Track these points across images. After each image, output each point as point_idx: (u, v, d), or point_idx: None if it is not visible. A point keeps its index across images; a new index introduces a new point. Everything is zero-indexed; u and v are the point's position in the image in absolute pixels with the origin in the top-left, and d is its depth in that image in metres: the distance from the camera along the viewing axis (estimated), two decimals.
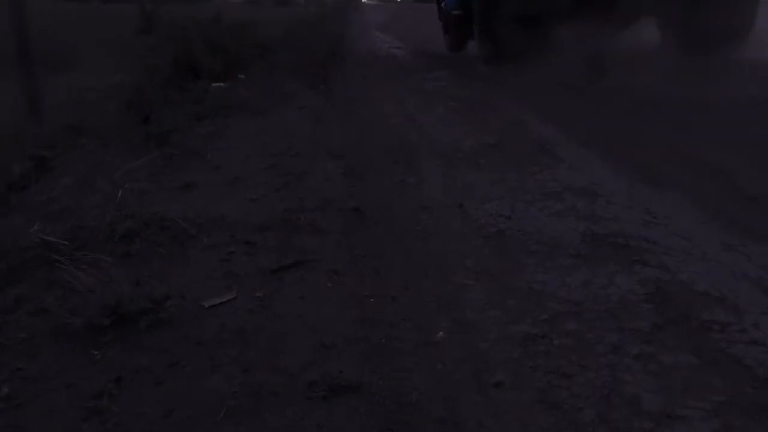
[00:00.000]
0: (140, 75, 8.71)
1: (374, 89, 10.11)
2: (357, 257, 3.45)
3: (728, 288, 2.97)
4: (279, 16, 33.12)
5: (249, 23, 19.86)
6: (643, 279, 3.10)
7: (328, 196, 4.37)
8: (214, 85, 8.97)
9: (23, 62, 6.56)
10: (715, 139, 5.70)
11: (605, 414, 2.16)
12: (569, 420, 2.15)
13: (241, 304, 2.91)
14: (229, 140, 6.11)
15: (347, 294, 3.03)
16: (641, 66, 9.31)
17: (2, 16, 6.92)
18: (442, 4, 13.93)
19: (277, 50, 14.56)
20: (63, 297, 2.92)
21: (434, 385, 2.36)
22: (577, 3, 7.93)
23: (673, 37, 8.99)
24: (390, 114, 7.83)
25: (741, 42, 8.46)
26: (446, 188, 4.68)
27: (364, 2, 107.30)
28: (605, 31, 8.27)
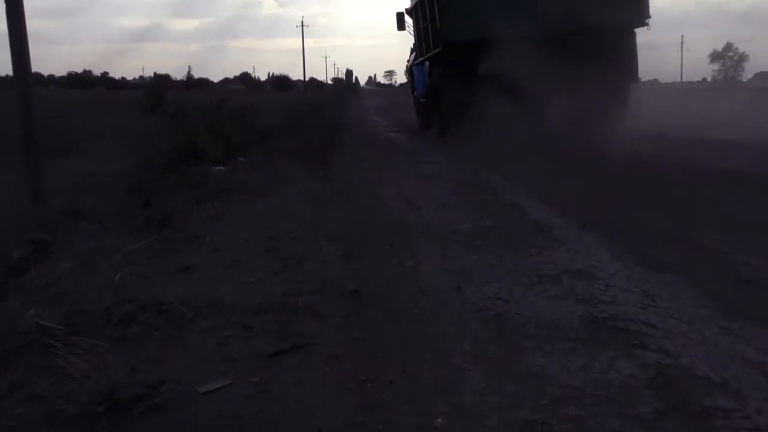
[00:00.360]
0: (143, 159, 8.88)
1: (372, 172, 10.28)
2: (355, 340, 3.43)
3: (729, 373, 2.95)
4: (279, 102, 33.98)
5: (250, 108, 20.36)
6: (644, 363, 3.07)
7: (327, 279, 4.38)
8: (215, 168, 9.12)
9: (28, 149, 6.71)
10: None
11: None
12: None
13: (238, 389, 2.87)
14: (228, 223, 6.16)
15: (346, 378, 2.99)
16: (570, 134, 11.21)
17: (9, 99, 7.13)
18: (414, 93, 19.20)
19: (278, 134, 14.87)
20: (57, 383, 2.88)
21: None
22: (494, 94, 11.47)
23: (567, 115, 11.38)
24: (387, 197, 7.93)
25: (618, 119, 12.26)
26: (444, 270, 4.70)
27: (363, 87, 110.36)
28: (518, 114, 11.30)
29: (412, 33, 17.64)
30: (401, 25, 18.56)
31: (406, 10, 18.08)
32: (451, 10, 13.07)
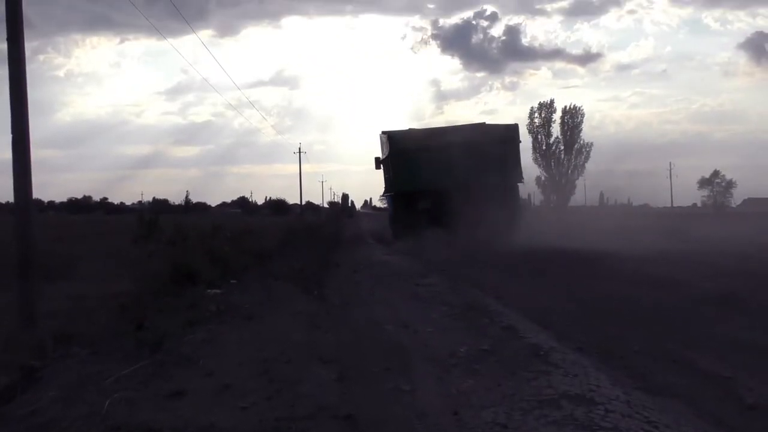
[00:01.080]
0: (137, 282, 8.87)
1: (368, 294, 10.26)
2: None
3: None
4: (276, 225, 34.39)
5: (246, 231, 20.59)
6: None
7: (321, 404, 4.28)
8: (210, 291, 9.10)
9: (23, 273, 6.73)
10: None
11: None
12: None
13: None
14: (222, 346, 6.08)
15: None
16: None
17: (8, 225, 7.21)
18: (390, 212, 27.25)
19: (274, 256, 14.95)
20: None
21: None
22: (428, 220, 20.66)
23: (473, 230, 19.22)
24: (384, 319, 7.87)
25: (511, 232, 19.42)
26: (441, 395, 4.60)
27: (359, 210, 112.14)
28: (443, 232, 19.68)
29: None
30: (377, 167, 26.82)
31: (379, 158, 26.63)
32: (400, 173, 23.31)
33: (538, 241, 19.01)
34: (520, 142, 24.72)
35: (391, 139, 24.27)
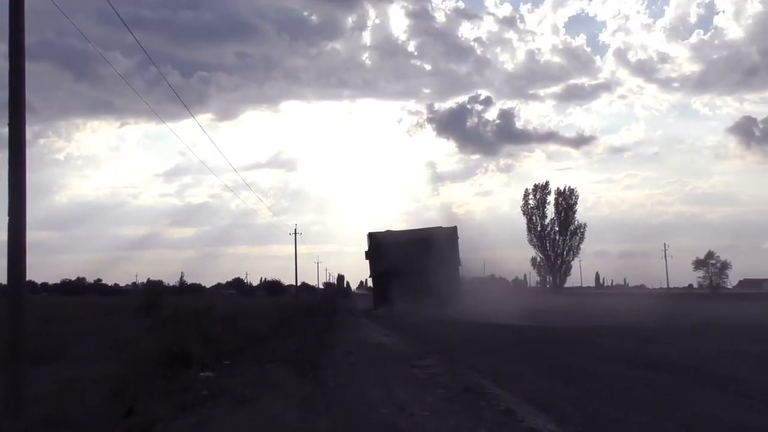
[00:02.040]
0: (129, 365, 8.73)
1: (364, 376, 10.08)
2: None
3: None
4: (271, 306, 34.10)
5: (241, 312, 20.41)
6: None
7: None
8: (203, 374, 8.94)
9: (12, 358, 6.62)
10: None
11: None
12: None
13: None
14: (214, 431, 5.93)
15: None
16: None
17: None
18: (372, 288, 44.56)
19: (268, 337, 14.76)
20: None
21: None
22: (396, 293, 33.36)
23: (426, 299, 30.55)
24: (379, 402, 7.72)
25: (452, 300, 32.70)
26: None
27: (354, 292, 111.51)
28: (410, 301, 31.26)
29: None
30: (366, 258, 37.97)
31: (367, 251, 38.19)
32: (376, 260, 36.39)
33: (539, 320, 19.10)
34: (458, 238, 37.32)
35: (372, 237, 38.36)
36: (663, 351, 12.15)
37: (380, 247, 36.14)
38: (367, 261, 37.97)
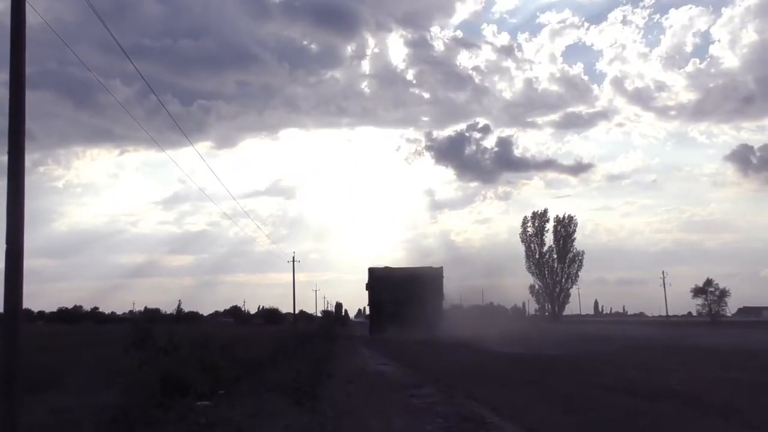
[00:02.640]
0: (125, 393, 8.64)
1: (362, 406, 9.99)
2: None
3: None
4: (268, 334, 33.88)
5: (239, 341, 20.28)
6: None
7: None
8: (200, 403, 8.86)
9: (7, 388, 6.56)
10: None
11: None
12: None
13: None
14: None
15: None
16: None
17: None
18: (369, 316, 52.16)
19: (266, 366, 14.65)
20: None
21: None
22: (388, 320, 41.71)
23: (413, 326, 37.86)
24: None
25: (435, 327, 39.37)
26: None
27: (352, 320, 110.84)
28: (398, 328, 39.09)
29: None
30: (366, 289, 45.59)
31: (367, 284, 45.68)
32: (374, 291, 44.35)
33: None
34: (443, 277, 44.46)
35: (371, 271, 46.23)
36: (661, 378, 12.06)
37: (378, 280, 44.13)
38: (367, 291, 45.77)
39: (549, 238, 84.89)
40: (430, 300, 41.46)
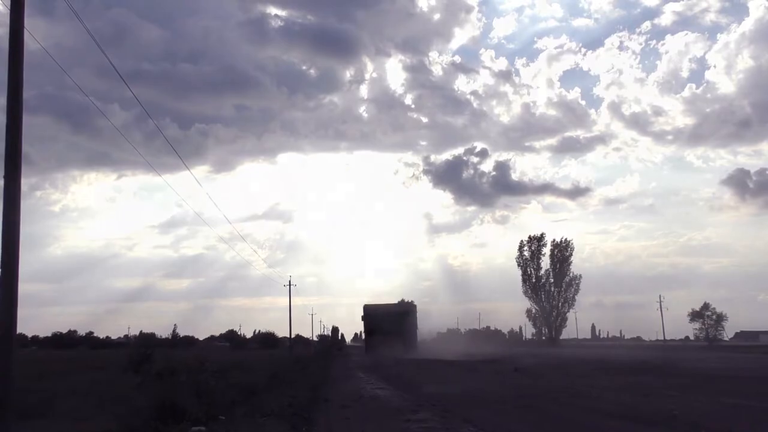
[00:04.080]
0: (119, 419, 8.56)
1: (359, 431, 9.90)
2: None
3: None
4: (264, 359, 33.67)
5: (235, 366, 20.16)
6: None
7: None
8: (195, 428, 8.77)
9: (0, 413, 6.49)
10: None
11: None
12: None
13: None
14: None
15: None
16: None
17: None
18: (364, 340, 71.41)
19: (261, 391, 14.53)
20: None
21: None
22: (378, 344, 57.15)
23: (395, 348, 53.17)
24: None
25: (411, 349, 55.90)
26: None
27: (349, 344, 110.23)
28: (387, 350, 53.80)
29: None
30: (362, 320, 61.87)
31: (362, 316, 62.13)
32: (367, 322, 60.97)
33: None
34: (417, 311, 60.66)
35: (365, 308, 60.77)
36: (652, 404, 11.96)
37: (369, 315, 59.54)
38: (362, 321, 61.29)
39: (545, 262, 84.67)
40: (408, 328, 57.29)
